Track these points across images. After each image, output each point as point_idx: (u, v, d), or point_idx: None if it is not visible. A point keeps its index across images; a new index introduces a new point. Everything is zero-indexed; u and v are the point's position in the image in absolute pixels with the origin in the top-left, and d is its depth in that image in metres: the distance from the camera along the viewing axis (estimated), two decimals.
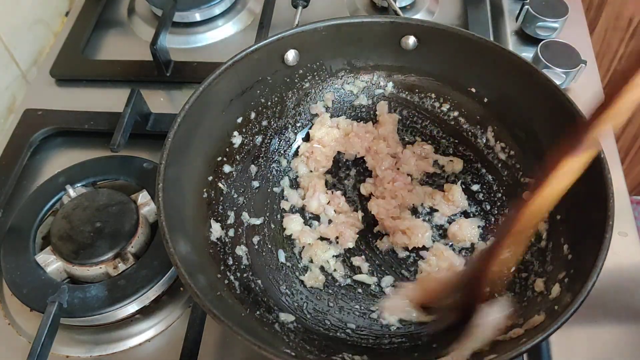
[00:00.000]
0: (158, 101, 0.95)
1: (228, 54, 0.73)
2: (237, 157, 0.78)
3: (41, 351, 0.63)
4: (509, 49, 0.74)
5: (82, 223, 0.74)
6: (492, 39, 1.00)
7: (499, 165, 0.78)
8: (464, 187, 0.79)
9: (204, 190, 0.72)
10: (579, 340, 0.68)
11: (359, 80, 0.83)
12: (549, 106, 0.69)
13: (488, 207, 0.77)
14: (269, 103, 0.79)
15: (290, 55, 0.77)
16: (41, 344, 0.63)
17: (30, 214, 0.77)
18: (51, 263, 0.72)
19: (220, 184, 0.74)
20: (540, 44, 0.91)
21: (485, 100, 0.78)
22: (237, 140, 0.77)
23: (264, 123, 0.80)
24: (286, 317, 0.67)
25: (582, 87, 0.91)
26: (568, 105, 0.66)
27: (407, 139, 0.84)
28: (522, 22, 0.98)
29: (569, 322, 0.52)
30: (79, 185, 0.80)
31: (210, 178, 0.73)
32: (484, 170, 0.79)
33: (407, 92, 0.83)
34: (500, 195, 0.77)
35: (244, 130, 0.78)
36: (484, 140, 0.79)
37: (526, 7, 0.96)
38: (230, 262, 0.70)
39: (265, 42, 0.73)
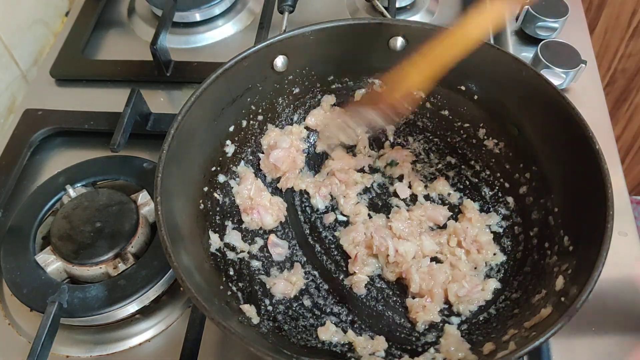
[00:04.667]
0: (158, 101, 0.95)
1: (228, 54, 0.73)
2: (231, 166, 0.78)
3: (41, 351, 0.63)
4: (497, 46, 0.74)
5: (82, 223, 0.74)
6: (492, 39, 1.00)
7: (493, 160, 0.78)
8: (461, 185, 0.80)
9: (200, 201, 0.72)
10: (578, 340, 0.68)
11: (348, 83, 0.83)
12: (539, 101, 0.70)
13: (483, 205, 0.78)
14: (260, 110, 0.79)
15: (279, 61, 0.76)
16: (41, 344, 0.63)
17: (30, 214, 0.77)
18: (51, 263, 0.72)
19: (215, 194, 0.74)
20: (540, 44, 0.91)
21: (476, 97, 0.78)
22: (230, 149, 0.77)
23: (256, 130, 0.80)
24: (289, 326, 0.68)
25: (582, 87, 0.91)
26: (559, 99, 0.67)
27: (399, 142, 0.84)
28: (522, 22, 0.98)
29: (569, 322, 0.52)
30: (79, 185, 0.80)
31: (205, 189, 0.73)
32: (477, 167, 0.80)
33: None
34: (495, 191, 0.78)
35: (236, 138, 0.78)
36: (477, 137, 0.79)
37: (526, 7, 0.96)
38: (232, 272, 0.70)
39: (253, 49, 0.73)
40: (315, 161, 0.84)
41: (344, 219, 0.78)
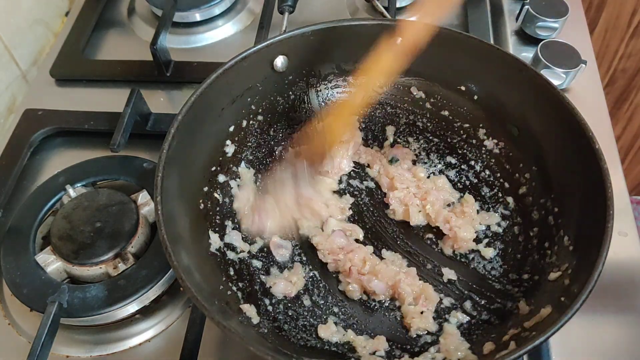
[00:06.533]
0: (158, 101, 0.95)
1: (228, 54, 0.73)
2: (231, 165, 0.78)
3: (41, 351, 0.64)
4: (497, 46, 0.75)
5: (82, 223, 0.74)
6: (492, 39, 1.00)
7: (493, 161, 0.78)
8: (461, 185, 0.79)
9: (200, 201, 0.72)
10: (578, 340, 0.68)
11: (349, 83, 0.83)
12: (539, 100, 0.70)
13: (483, 205, 0.77)
14: (260, 110, 0.79)
15: (279, 62, 0.77)
16: (41, 344, 0.64)
17: (30, 214, 0.77)
18: (51, 263, 0.72)
19: (215, 194, 0.74)
20: (540, 44, 0.91)
21: (476, 97, 0.78)
22: (230, 149, 0.77)
23: (256, 130, 0.80)
24: (289, 325, 0.67)
25: (582, 87, 0.91)
26: (559, 99, 0.67)
27: (399, 141, 0.84)
28: (522, 22, 0.98)
29: (569, 322, 0.52)
30: (79, 185, 0.80)
31: (205, 189, 0.73)
32: (477, 167, 0.80)
33: (397, 93, 0.83)
34: (495, 191, 0.78)
35: (236, 138, 0.78)
36: (477, 137, 0.79)
37: (526, 7, 0.96)
38: (232, 272, 0.70)
39: (253, 49, 0.73)
40: None
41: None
